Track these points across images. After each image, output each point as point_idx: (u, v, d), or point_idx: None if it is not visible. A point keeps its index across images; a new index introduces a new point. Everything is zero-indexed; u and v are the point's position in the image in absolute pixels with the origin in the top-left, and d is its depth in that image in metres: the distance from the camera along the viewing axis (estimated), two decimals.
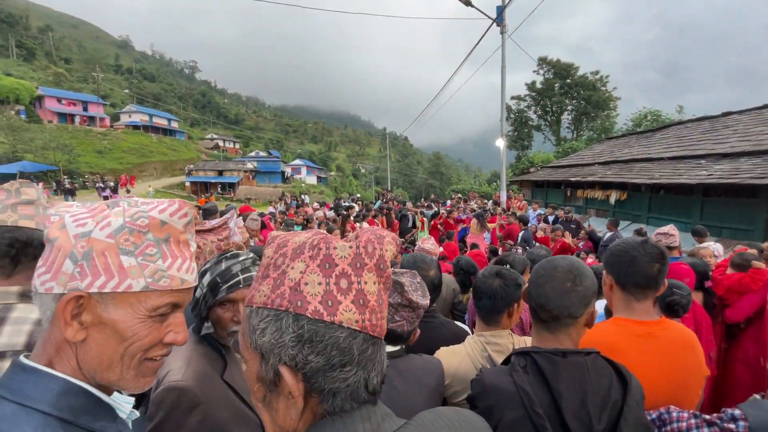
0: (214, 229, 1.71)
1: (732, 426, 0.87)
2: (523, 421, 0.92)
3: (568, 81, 29.20)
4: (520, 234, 7.19)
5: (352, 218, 9.16)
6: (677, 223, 8.89)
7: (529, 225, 9.96)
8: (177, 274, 0.67)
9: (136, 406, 0.70)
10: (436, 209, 12.31)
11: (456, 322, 1.81)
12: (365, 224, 9.10)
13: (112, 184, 24.29)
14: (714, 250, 3.33)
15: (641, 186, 10.27)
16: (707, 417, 0.93)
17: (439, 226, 9.94)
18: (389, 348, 1.16)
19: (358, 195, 26.46)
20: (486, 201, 14.97)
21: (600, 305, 2.18)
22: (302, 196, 25.63)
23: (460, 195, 16.81)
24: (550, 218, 9.30)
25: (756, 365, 2.43)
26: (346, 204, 13.89)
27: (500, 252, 5.04)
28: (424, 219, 10.42)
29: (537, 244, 6.00)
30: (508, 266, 1.72)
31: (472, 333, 1.52)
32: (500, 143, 12.86)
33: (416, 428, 0.57)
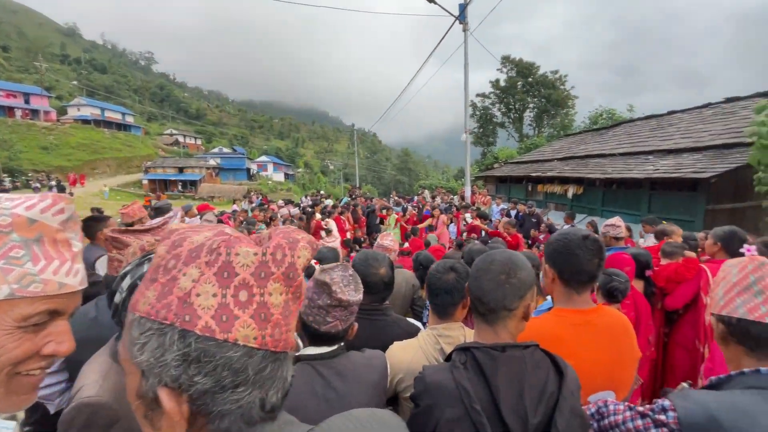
0: (152, 229, 1.59)
1: (662, 417, 0.89)
2: (462, 419, 0.92)
3: (530, 79, 30.23)
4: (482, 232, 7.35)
5: (318, 216, 9.07)
6: (627, 215, 9.43)
7: (494, 219, 10.32)
8: (53, 277, 0.61)
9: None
10: (404, 205, 12.36)
11: (409, 319, 1.81)
12: (331, 221, 8.93)
13: (53, 183, 22.41)
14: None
15: (595, 181, 10.80)
16: (640, 409, 0.95)
17: (402, 222, 10.18)
18: (326, 348, 1.13)
19: (322, 192, 26.16)
20: (452, 196, 15.21)
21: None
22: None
23: (426, 191, 16.92)
24: (513, 213, 9.47)
25: (693, 348, 2.56)
26: (312, 201, 13.66)
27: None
28: (400, 214, 10.44)
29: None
30: (462, 259, 1.72)
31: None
32: (464, 139, 13.11)
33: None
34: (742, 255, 2.50)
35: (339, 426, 0.56)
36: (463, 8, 11.72)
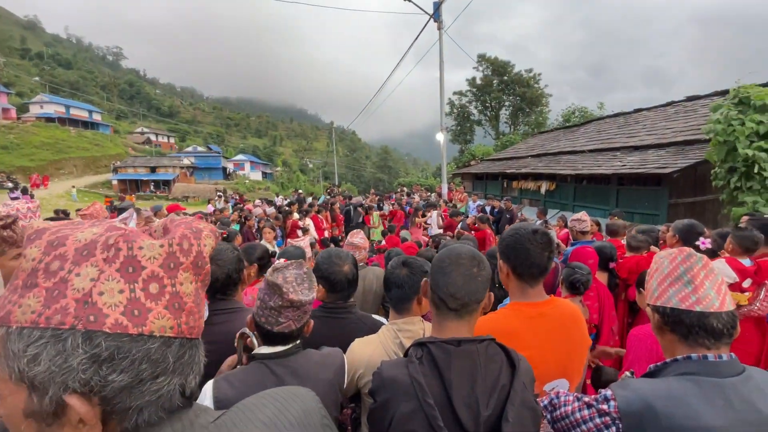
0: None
1: (605, 407, 0.92)
2: (416, 413, 0.93)
3: (505, 78, 30.74)
4: (458, 226, 7.45)
5: (295, 215, 8.97)
6: (597, 210, 9.77)
7: (470, 215, 10.42)
8: None
9: None
10: (381, 205, 12.37)
11: (374, 316, 1.82)
12: (308, 221, 8.86)
13: (11, 184, 21.19)
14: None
15: (567, 177, 11.12)
16: (586, 399, 0.98)
17: (371, 219, 10.31)
18: (280, 347, 1.13)
19: (301, 191, 25.92)
20: (429, 194, 15.31)
21: None
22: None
23: (404, 188, 16.97)
24: (488, 209, 9.67)
25: (653, 337, 2.70)
26: (296, 198, 13.53)
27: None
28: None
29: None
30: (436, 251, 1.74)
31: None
32: (440, 137, 13.21)
33: (236, 413, 0.57)
34: (698, 247, 2.66)
35: (252, 403, 0.59)
36: (437, 6, 11.78)
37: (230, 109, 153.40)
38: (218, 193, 22.81)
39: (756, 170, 5.04)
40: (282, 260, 1.38)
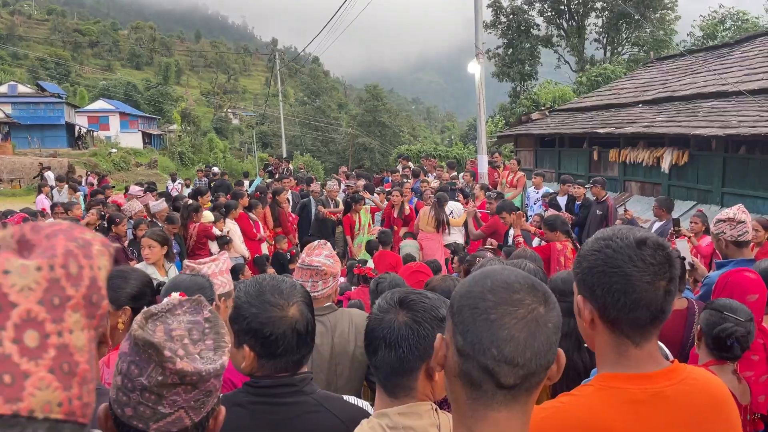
0: None
1: None
2: None
3: None
4: (508, 232, 7.53)
5: (206, 214, 8.99)
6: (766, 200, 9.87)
7: (530, 214, 10.52)
8: None
9: None
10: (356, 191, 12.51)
11: (349, 399, 1.88)
12: (230, 224, 9.12)
13: None
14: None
15: (711, 141, 11.24)
16: None
17: (355, 220, 10.64)
18: None
19: (216, 168, 25.99)
20: (454, 173, 15.44)
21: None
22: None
23: (408, 162, 17.11)
24: (561, 200, 9.87)
25: None
26: (194, 187, 13.41)
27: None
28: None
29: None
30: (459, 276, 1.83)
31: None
32: (474, 69, 13.26)
33: None
34: None
35: None
36: None
37: (81, 16, 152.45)
38: (46, 172, 22.70)
39: None
40: (172, 296, 1.36)
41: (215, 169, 23.65)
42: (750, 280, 2.77)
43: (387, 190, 12.61)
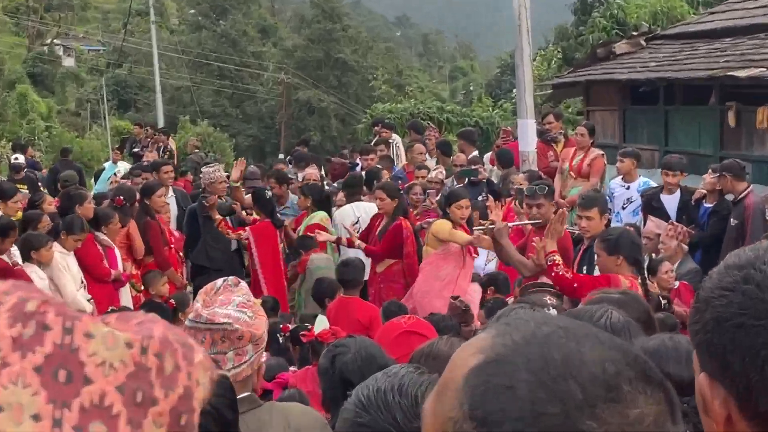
0: None
1: None
2: None
3: None
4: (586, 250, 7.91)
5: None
6: None
7: (619, 217, 10.55)
8: None
9: None
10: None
11: None
12: (62, 254, 9.34)
13: None
14: None
15: None
16: None
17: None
18: None
19: (20, 157, 25.47)
20: (475, 152, 15.53)
21: None
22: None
23: (388, 132, 17.21)
24: (671, 200, 10.16)
25: None
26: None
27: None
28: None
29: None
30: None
31: None
32: None
33: None
34: None
35: None
36: None
37: None
38: None
39: None
40: None
41: (19, 158, 21.57)
42: None
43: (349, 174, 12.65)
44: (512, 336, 1.18)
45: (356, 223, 12.06)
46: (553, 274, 7.63)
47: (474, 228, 9.81)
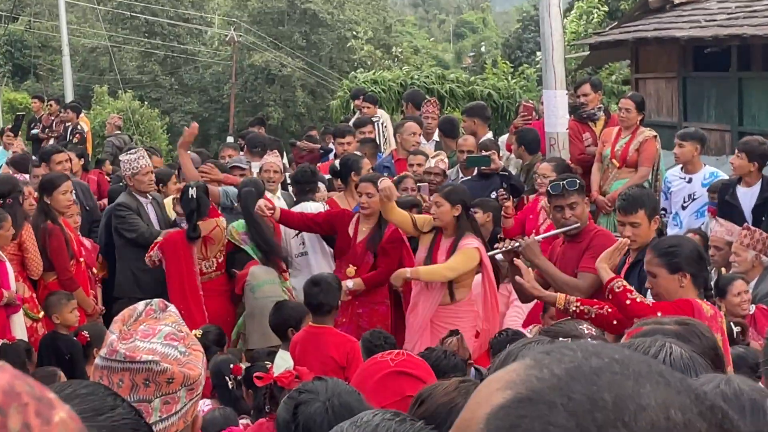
0: None
1: None
2: None
3: None
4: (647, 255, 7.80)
5: None
6: None
7: (671, 225, 10.61)
8: None
9: None
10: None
11: None
12: None
13: None
14: None
15: None
16: None
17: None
18: None
19: None
20: (489, 134, 15.59)
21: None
22: None
23: (368, 107, 17.31)
24: (747, 193, 10.24)
25: None
26: None
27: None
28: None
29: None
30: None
31: None
32: None
33: None
34: None
35: None
36: None
37: None
38: None
39: None
40: None
41: None
42: None
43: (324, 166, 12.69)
44: (552, 368, 1.18)
45: (297, 234, 12.31)
46: (628, 302, 7.49)
47: (495, 248, 9.81)
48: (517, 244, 9.18)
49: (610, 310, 7.73)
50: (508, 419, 1.16)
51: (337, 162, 14.35)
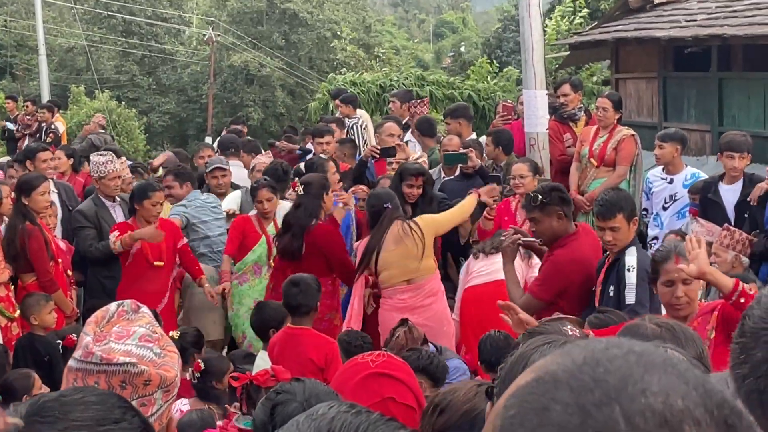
0: None
1: None
2: None
3: None
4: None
5: None
6: None
7: (652, 226, 10.65)
8: None
9: None
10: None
11: None
12: None
13: None
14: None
15: None
16: None
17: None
18: None
19: None
20: (472, 135, 15.57)
21: None
22: None
23: (358, 113, 17.36)
24: (729, 191, 10.34)
25: None
26: None
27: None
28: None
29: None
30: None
31: None
32: None
33: None
34: None
35: None
36: None
37: None
38: None
39: None
40: None
41: None
42: None
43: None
44: (573, 356, 1.23)
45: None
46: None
47: (472, 242, 9.80)
48: (502, 238, 9.51)
49: None
50: (521, 396, 1.23)
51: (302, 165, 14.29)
